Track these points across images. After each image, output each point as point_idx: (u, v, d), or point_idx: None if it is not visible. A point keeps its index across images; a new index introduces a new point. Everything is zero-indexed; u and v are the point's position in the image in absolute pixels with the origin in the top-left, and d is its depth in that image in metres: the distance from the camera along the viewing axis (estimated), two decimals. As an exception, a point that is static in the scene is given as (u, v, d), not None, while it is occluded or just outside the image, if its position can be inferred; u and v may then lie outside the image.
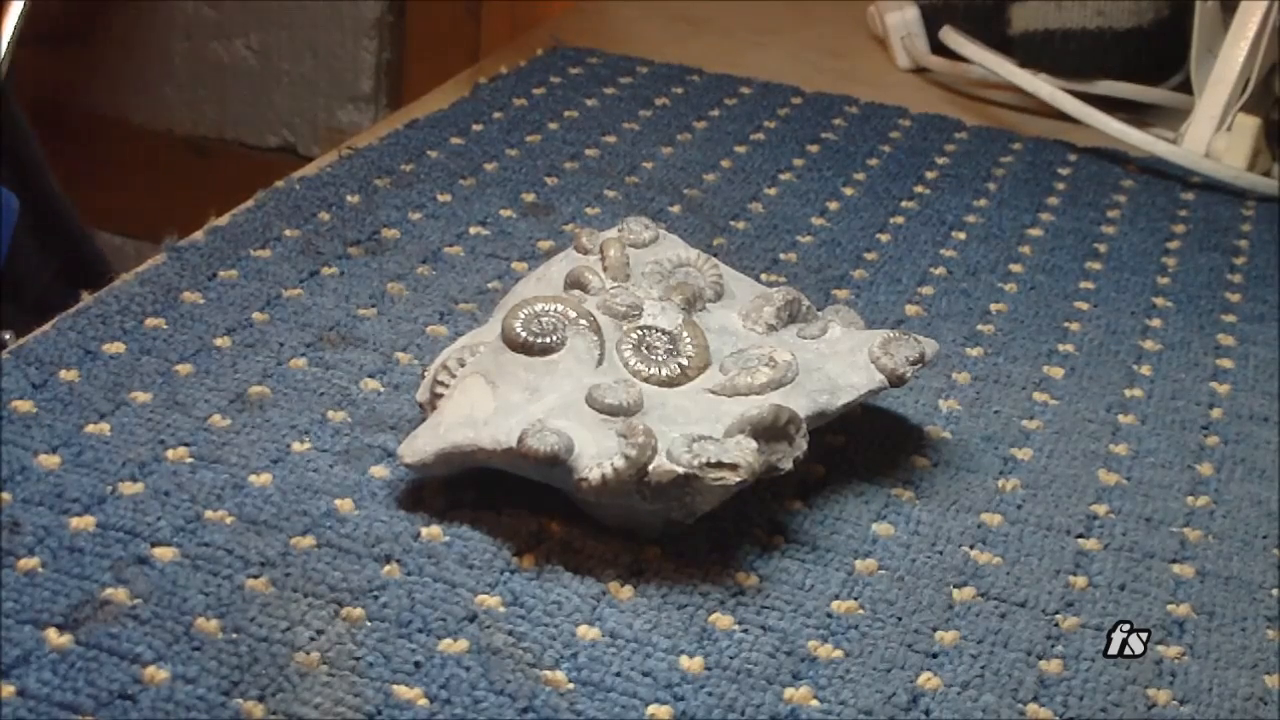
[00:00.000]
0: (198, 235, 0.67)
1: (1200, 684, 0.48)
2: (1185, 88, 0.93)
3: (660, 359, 0.52)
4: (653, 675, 0.45)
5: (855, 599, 0.49)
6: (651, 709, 0.44)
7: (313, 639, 0.45)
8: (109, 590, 0.45)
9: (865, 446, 0.57)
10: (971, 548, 0.53)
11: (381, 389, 0.58)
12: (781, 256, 0.73)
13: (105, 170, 1.50)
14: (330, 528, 0.49)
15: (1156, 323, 0.71)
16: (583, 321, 0.52)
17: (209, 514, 0.49)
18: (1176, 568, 0.53)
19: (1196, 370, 0.67)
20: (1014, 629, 0.49)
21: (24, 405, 0.54)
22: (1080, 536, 0.54)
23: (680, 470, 0.47)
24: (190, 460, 0.52)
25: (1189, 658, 0.49)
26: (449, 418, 0.50)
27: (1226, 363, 0.68)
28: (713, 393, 0.51)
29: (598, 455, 0.48)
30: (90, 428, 0.53)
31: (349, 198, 0.73)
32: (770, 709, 0.45)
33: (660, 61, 0.97)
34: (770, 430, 0.50)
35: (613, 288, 0.55)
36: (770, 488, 0.53)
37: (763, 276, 0.70)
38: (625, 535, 0.50)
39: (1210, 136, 0.88)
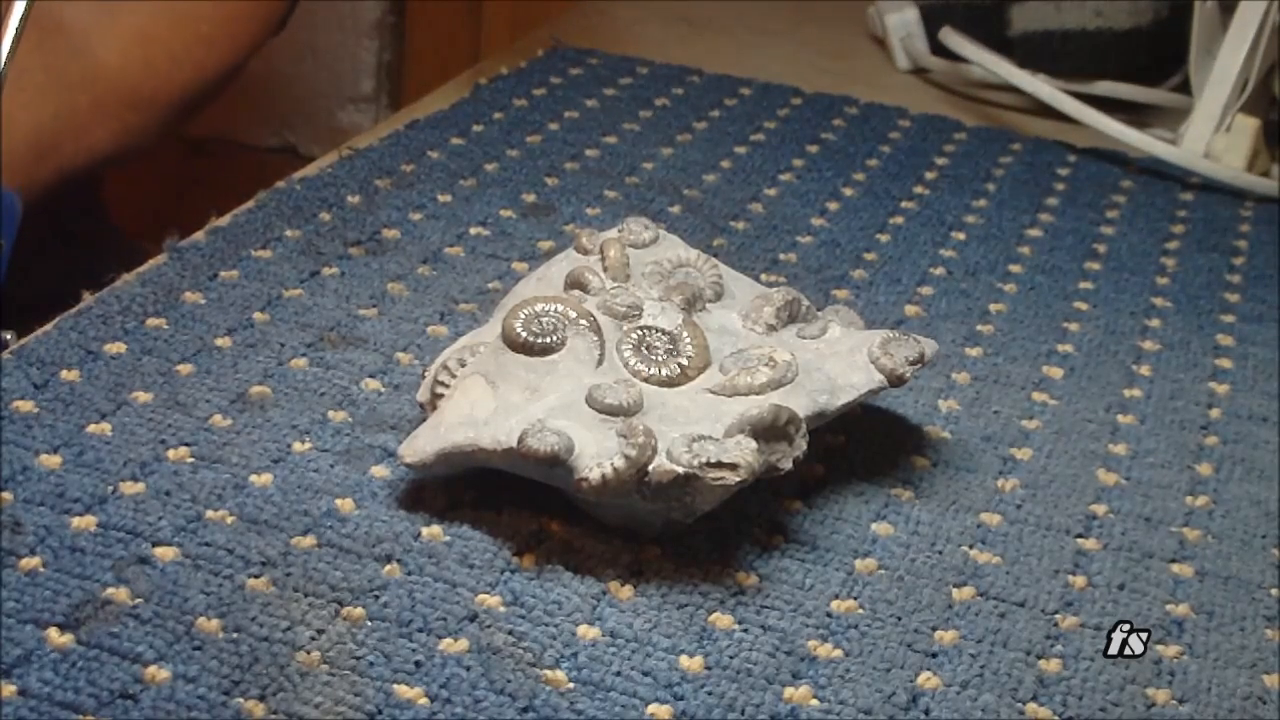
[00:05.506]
0: (198, 235, 0.67)
1: (1199, 684, 0.48)
2: (1184, 88, 0.93)
3: (660, 359, 0.52)
4: (653, 675, 0.45)
5: (855, 599, 0.50)
6: (651, 708, 0.44)
7: (313, 638, 0.45)
8: (110, 590, 0.45)
9: (865, 446, 0.58)
10: (971, 547, 0.53)
11: (382, 389, 0.58)
12: (781, 256, 0.73)
13: (106, 171, 1.50)
14: (331, 527, 0.49)
15: (1155, 323, 0.71)
16: (583, 322, 0.53)
17: (210, 514, 0.49)
18: (1176, 567, 0.53)
19: (1195, 370, 0.67)
20: (1013, 629, 0.49)
21: (25, 405, 0.54)
22: (1080, 536, 0.54)
23: (680, 470, 0.47)
24: (191, 460, 0.52)
25: (1188, 657, 0.49)
26: (449, 418, 0.51)
27: (1225, 363, 0.68)
28: (713, 393, 0.52)
29: (598, 455, 0.48)
30: (91, 428, 0.53)
31: (349, 198, 0.73)
32: (770, 708, 0.45)
33: (660, 62, 0.97)
34: (770, 430, 0.50)
35: (613, 288, 0.55)
36: (770, 488, 0.53)
37: (763, 276, 0.70)
38: (625, 535, 0.50)
39: (1209, 137, 0.89)
